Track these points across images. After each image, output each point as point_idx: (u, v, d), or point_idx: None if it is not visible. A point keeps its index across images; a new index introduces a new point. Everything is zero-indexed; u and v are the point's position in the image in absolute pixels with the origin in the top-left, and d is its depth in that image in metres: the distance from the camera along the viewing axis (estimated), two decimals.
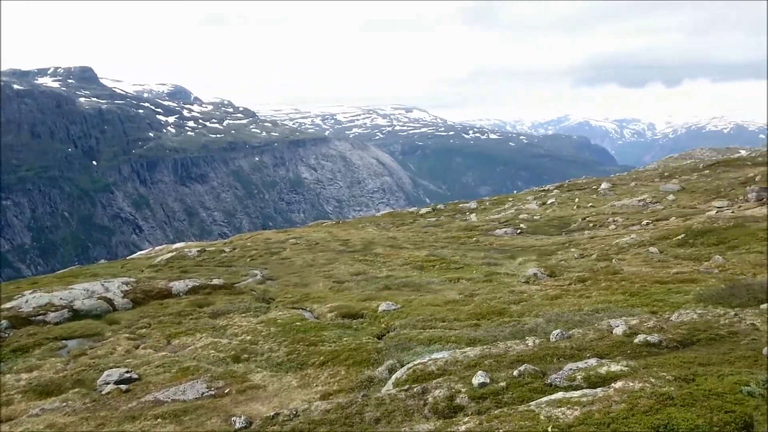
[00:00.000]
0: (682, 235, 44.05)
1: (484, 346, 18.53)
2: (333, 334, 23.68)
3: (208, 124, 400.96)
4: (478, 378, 14.43)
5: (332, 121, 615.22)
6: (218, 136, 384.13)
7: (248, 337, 24.45)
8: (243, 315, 28.75)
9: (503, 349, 17.81)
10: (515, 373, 14.71)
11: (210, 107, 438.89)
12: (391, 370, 18.09)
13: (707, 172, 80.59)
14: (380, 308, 27.49)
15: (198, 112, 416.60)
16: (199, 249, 56.29)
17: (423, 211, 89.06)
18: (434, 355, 18.23)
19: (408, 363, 17.91)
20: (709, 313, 20.57)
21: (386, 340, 22.70)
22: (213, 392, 18.14)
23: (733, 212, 57.05)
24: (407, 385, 15.27)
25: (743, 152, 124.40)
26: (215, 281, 36.58)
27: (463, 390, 14.08)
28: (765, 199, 58.83)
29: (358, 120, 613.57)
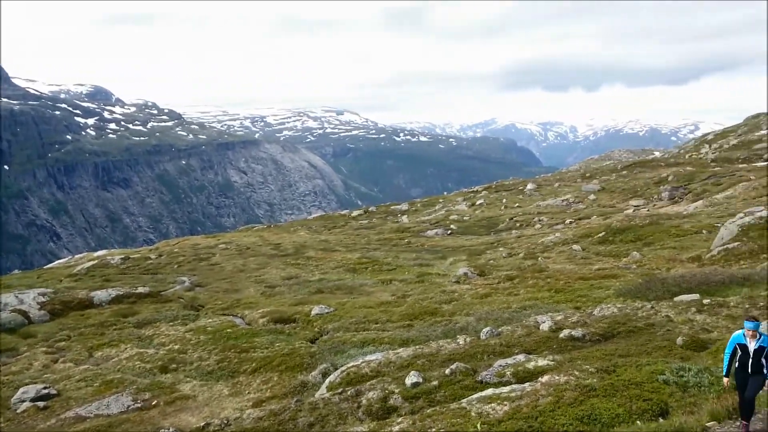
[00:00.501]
0: (603, 233, 46.12)
1: (417, 346, 18.74)
2: (265, 340, 23.32)
3: (131, 126, 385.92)
4: (411, 378, 14.59)
5: (262, 123, 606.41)
6: (142, 138, 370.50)
7: (176, 347, 23.70)
8: (170, 324, 27.85)
9: (435, 349, 18.07)
10: (447, 371, 14.96)
11: (133, 109, 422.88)
12: (325, 374, 17.99)
13: (625, 172, 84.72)
14: (313, 312, 27.30)
15: (120, 114, 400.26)
16: (122, 257, 54.13)
17: (355, 213, 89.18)
18: (368, 357, 18.27)
19: (342, 366, 17.87)
20: (628, 307, 21.62)
21: (320, 344, 22.57)
22: (139, 405, 17.46)
23: (648, 210, 60.29)
24: (341, 389, 15.22)
25: (657, 153, 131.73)
26: (141, 290, 35.26)
27: (397, 391, 14.18)
28: (677, 198, 62.50)
29: (288, 122, 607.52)
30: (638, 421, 8.90)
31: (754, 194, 50.34)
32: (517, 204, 78.08)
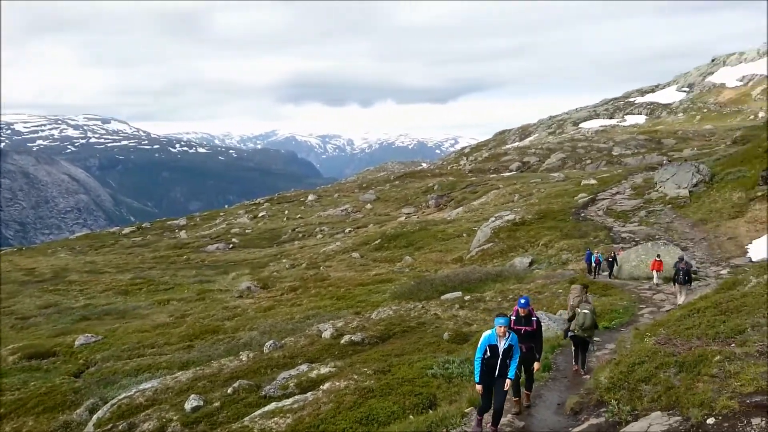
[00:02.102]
0: (379, 240, 48.92)
1: (198, 368, 17.88)
2: (16, 380, 20.29)
3: None
4: (191, 402, 13.85)
5: (9, 131, 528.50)
6: None
7: None
8: None
9: (217, 368, 17.42)
10: (230, 390, 14.50)
11: None
12: (93, 410, 16.24)
13: (397, 182, 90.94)
14: (77, 342, 24.52)
15: None
16: None
17: (127, 230, 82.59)
18: (143, 386, 16.93)
19: (113, 399, 16.31)
20: (402, 308, 23.18)
21: (86, 377, 20.33)
22: None
23: (418, 217, 65.49)
24: (111, 424, 13.86)
25: (424, 165, 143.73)
26: None
27: (176, 417, 13.33)
28: (442, 205, 68.84)
29: (43, 131, 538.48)
30: (411, 416, 9.53)
31: (503, 200, 57.58)
32: (299, 215, 79.11)
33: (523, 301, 8.84)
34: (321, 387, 12.06)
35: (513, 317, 8.74)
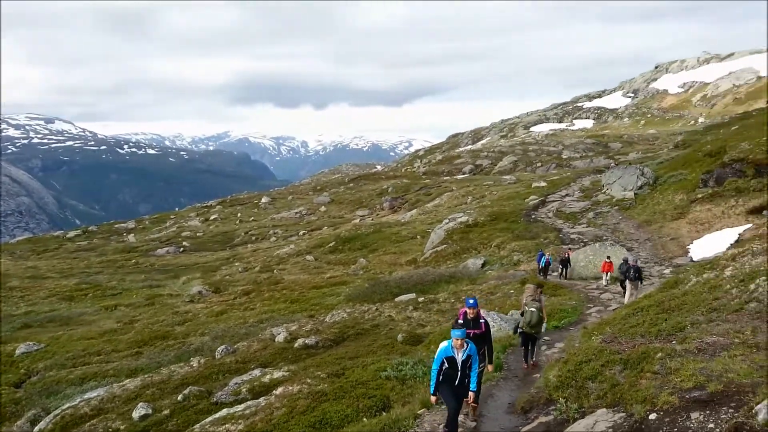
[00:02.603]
0: (333, 243, 48.75)
1: (147, 375, 17.43)
2: None
3: None
4: (140, 410, 13.48)
5: None
6: None
7: None
8: None
9: (167, 375, 17.01)
10: (180, 397, 14.18)
11: None
12: (34, 422, 15.61)
13: (352, 185, 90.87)
14: (18, 351, 23.54)
15: None
16: None
17: (72, 234, 79.81)
18: (88, 395, 16.39)
19: (56, 409, 15.73)
20: (356, 311, 23.15)
21: (27, 388, 19.53)
22: None
23: (372, 219, 65.58)
24: None
25: (379, 167, 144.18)
26: None
27: (123, 427, 12.96)
28: (396, 207, 69.13)
29: None
30: (364, 418, 9.52)
31: (456, 202, 58.24)
32: (252, 218, 78.09)
33: (471, 302, 8.59)
34: (274, 392, 11.93)
35: (460, 320, 8.42)
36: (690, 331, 7.98)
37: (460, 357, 7.34)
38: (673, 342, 7.69)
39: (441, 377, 7.43)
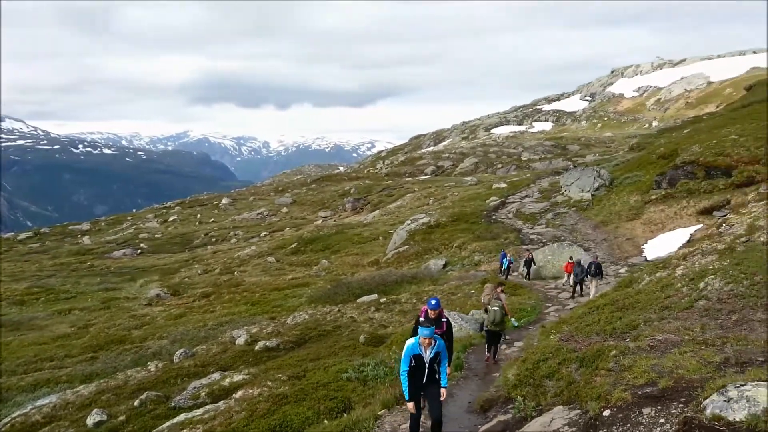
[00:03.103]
0: (295, 244, 48.42)
1: (102, 380, 17.00)
2: None
3: None
4: (94, 417, 13.13)
5: None
6: None
7: None
8: None
9: (123, 380, 16.62)
10: (136, 402, 13.87)
11: None
12: None
13: (314, 186, 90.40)
14: None
15: None
16: None
17: (23, 236, 77.19)
18: (40, 402, 15.88)
19: (5, 417, 15.20)
20: (318, 312, 23.04)
21: None
22: None
23: (335, 221, 65.38)
24: None
25: (341, 168, 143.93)
26: None
27: None
28: (358, 208, 69.10)
29: None
30: (325, 420, 9.47)
31: (418, 204, 58.54)
32: (212, 219, 76.94)
33: (433, 302, 8.46)
34: (234, 395, 11.78)
35: (422, 319, 8.35)
36: (643, 328, 8.20)
37: (427, 355, 7.15)
38: (627, 339, 7.90)
39: (410, 378, 7.18)
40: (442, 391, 7.33)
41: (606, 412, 5.90)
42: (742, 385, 5.15)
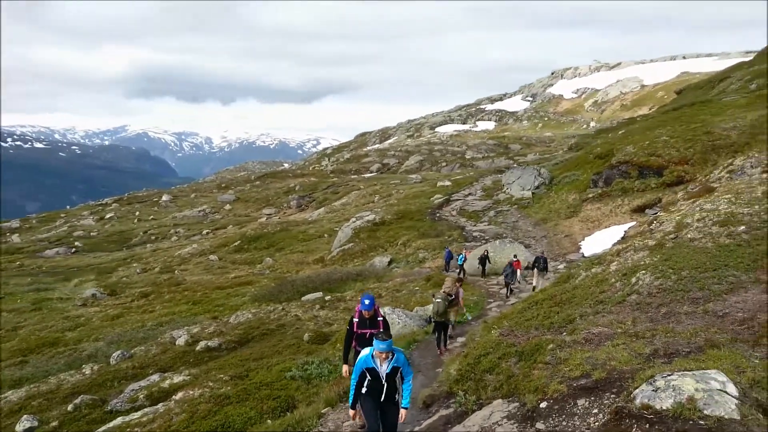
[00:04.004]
0: (239, 242, 47.62)
1: (33, 385, 16.28)
2: None
3: None
4: (24, 423, 12.56)
5: None
6: None
7: None
8: None
9: (56, 384, 15.97)
10: (70, 407, 13.35)
11: None
12: None
13: (258, 183, 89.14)
14: None
15: None
16: None
17: None
18: None
19: None
20: (262, 311, 22.75)
21: None
22: None
23: (279, 218, 64.68)
24: None
25: (286, 165, 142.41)
26: None
27: None
28: (303, 206, 68.60)
29: None
30: (268, 420, 9.38)
31: (364, 201, 58.64)
32: (152, 216, 74.79)
33: (367, 302, 7.79)
34: (174, 397, 11.51)
35: (356, 319, 7.86)
36: (579, 322, 8.49)
37: (383, 369, 6.34)
38: (564, 333, 8.16)
39: (365, 389, 6.45)
40: (402, 412, 6.50)
41: (543, 404, 6.08)
42: (669, 375, 5.41)
